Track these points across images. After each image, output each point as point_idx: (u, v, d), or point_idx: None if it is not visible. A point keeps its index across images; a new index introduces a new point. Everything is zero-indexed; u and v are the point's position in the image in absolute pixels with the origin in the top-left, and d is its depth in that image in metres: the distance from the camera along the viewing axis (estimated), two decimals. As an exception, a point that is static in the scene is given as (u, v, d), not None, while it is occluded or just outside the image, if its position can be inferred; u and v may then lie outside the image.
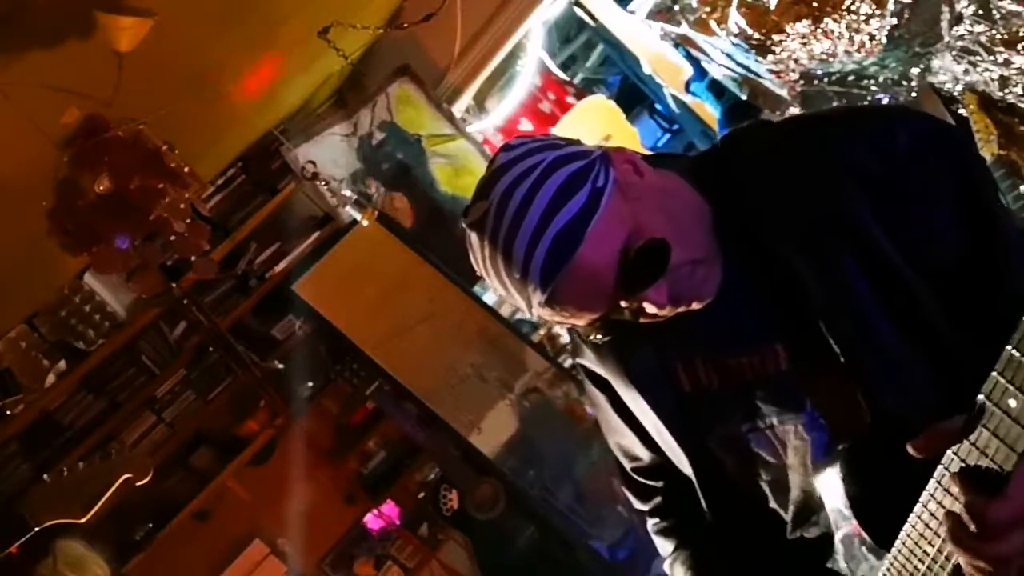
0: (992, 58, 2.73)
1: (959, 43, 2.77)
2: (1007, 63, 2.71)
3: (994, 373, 0.80)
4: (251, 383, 3.93)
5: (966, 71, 2.83)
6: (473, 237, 1.04)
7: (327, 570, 4.09)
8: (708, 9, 3.39)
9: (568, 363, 4.54)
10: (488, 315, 4.09)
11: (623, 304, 1.03)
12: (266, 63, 3.14)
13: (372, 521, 4.19)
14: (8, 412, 3.50)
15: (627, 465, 1.39)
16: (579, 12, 4.53)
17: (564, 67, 4.72)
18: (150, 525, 3.75)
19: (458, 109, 4.30)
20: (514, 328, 4.24)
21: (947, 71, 2.89)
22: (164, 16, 2.06)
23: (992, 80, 2.78)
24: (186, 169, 2.35)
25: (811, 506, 1.20)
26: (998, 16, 2.64)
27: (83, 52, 1.99)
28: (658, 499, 1.37)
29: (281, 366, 3.97)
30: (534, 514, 3.86)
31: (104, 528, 3.11)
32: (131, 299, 3.78)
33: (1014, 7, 2.59)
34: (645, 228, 1.01)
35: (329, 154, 3.97)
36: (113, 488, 2.00)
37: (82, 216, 2.21)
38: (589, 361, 1.30)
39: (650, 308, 1.03)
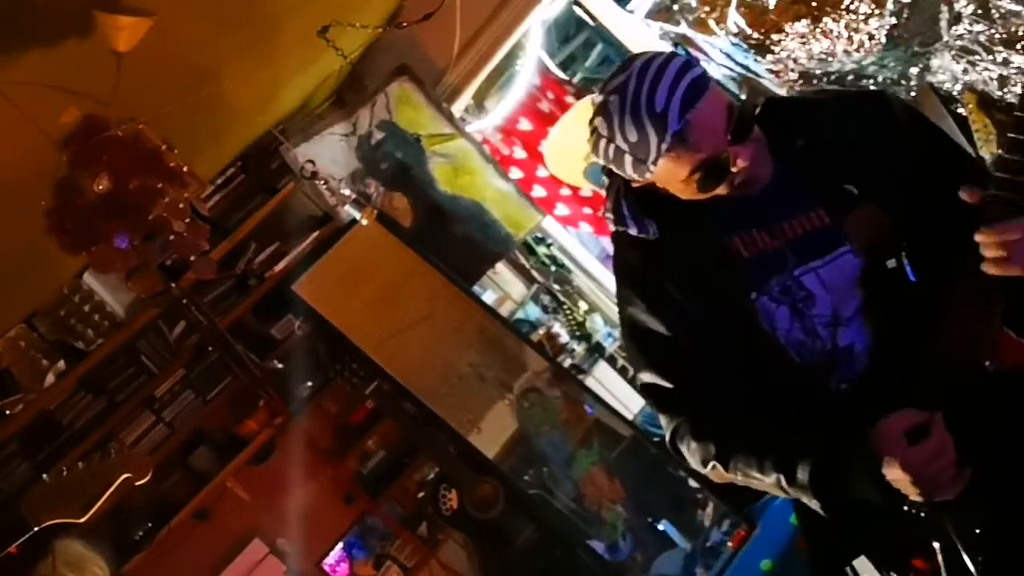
0: (991, 57, 2.73)
1: (958, 42, 2.77)
2: (1006, 62, 2.71)
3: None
4: (250, 383, 3.93)
5: (965, 70, 2.84)
6: (612, 99, 1.46)
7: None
8: (707, 8, 3.40)
9: (568, 363, 4.55)
10: (487, 315, 4.09)
11: (724, 150, 1.42)
12: (265, 62, 3.14)
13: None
14: (7, 412, 3.50)
15: (667, 385, 1.60)
16: (578, 11, 4.53)
17: (563, 66, 4.72)
18: (150, 525, 3.74)
19: (457, 108, 4.29)
20: (513, 328, 4.24)
21: (946, 70, 2.90)
22: (163, 16, 2.06)
23: (991, 79, 2.79)
24: (185, 169, 2.36)
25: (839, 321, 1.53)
26: (997, 15, 2.64)
27: (82, 52, 1.99)
28: (685, 416, 1.59)
29: (280, 366, 3.97)
30: (533, 514, 3.86)
31: (104, 528, 3.12)
32: (130, 299, 3.77)
33: (1013, 6, 2.60)
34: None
35: (328, 153, 3.97)
36: (112, 488, 2.00)
37: (81, 216, 2.21)
38: (639, 310, 1.59)
39: (739, 162, 1.44)
